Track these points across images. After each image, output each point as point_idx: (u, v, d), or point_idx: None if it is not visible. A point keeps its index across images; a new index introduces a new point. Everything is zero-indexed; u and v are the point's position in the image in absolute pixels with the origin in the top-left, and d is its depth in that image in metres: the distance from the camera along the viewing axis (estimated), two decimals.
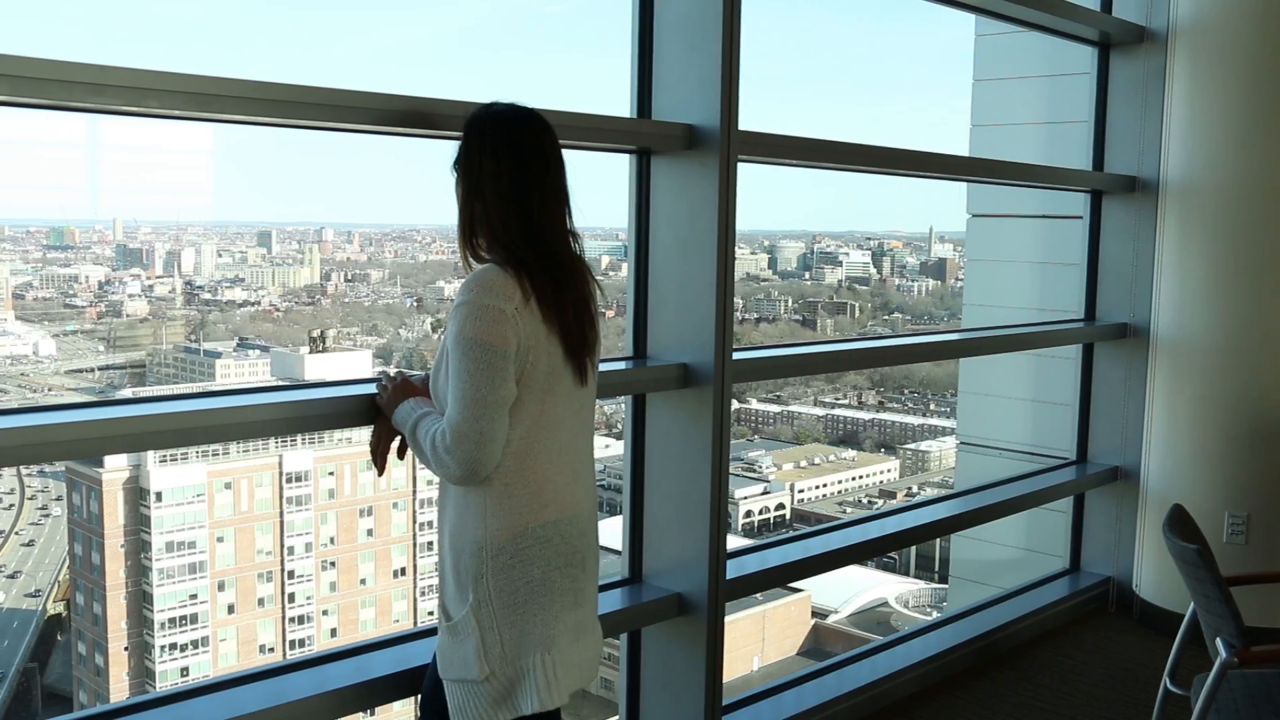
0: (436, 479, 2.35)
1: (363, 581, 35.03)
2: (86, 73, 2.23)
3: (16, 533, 35.48)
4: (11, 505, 34.54)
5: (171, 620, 32.28)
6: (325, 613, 34.42)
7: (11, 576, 34.60)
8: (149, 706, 2.68)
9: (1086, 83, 5.41)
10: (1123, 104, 5.27)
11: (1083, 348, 5.46)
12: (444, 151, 2.48)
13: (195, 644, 32.60)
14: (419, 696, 2.61)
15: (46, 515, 35.39)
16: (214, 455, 32.07)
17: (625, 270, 3.53)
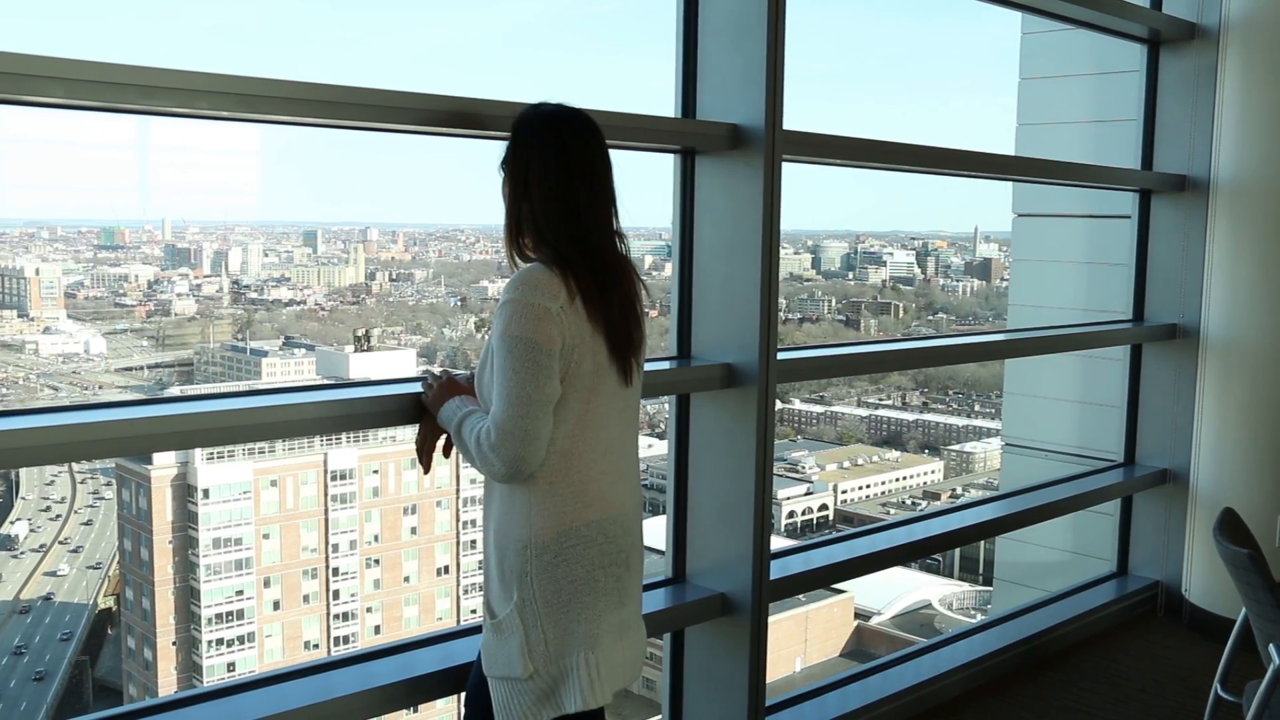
0: (481, 477, 2.36)
1: (406, 579, 35.35)
2: (138, 75, 2.25)
3: (75, 512, 36.85)
4: (59, 515, 35.51)
5: (218, 616, 32.73)
6: (369, 610, 34.76)
7: (75, 550, 36.06)
8: (197, 701, 2.71)
9: (1135, 80, 5.35)
10: (1173, 101, 5.21)
11: (1131, 349, 5.40)
12: (489, 152, 2.49)
13: (242, 639, 33.03)
14: (463, 694, 2.62)
15: (100, 499, 36.62)
16: (260, 453, 32.50)
17: (668, 270, 3.52)
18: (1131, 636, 5.05)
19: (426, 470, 2.60)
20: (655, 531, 3.53)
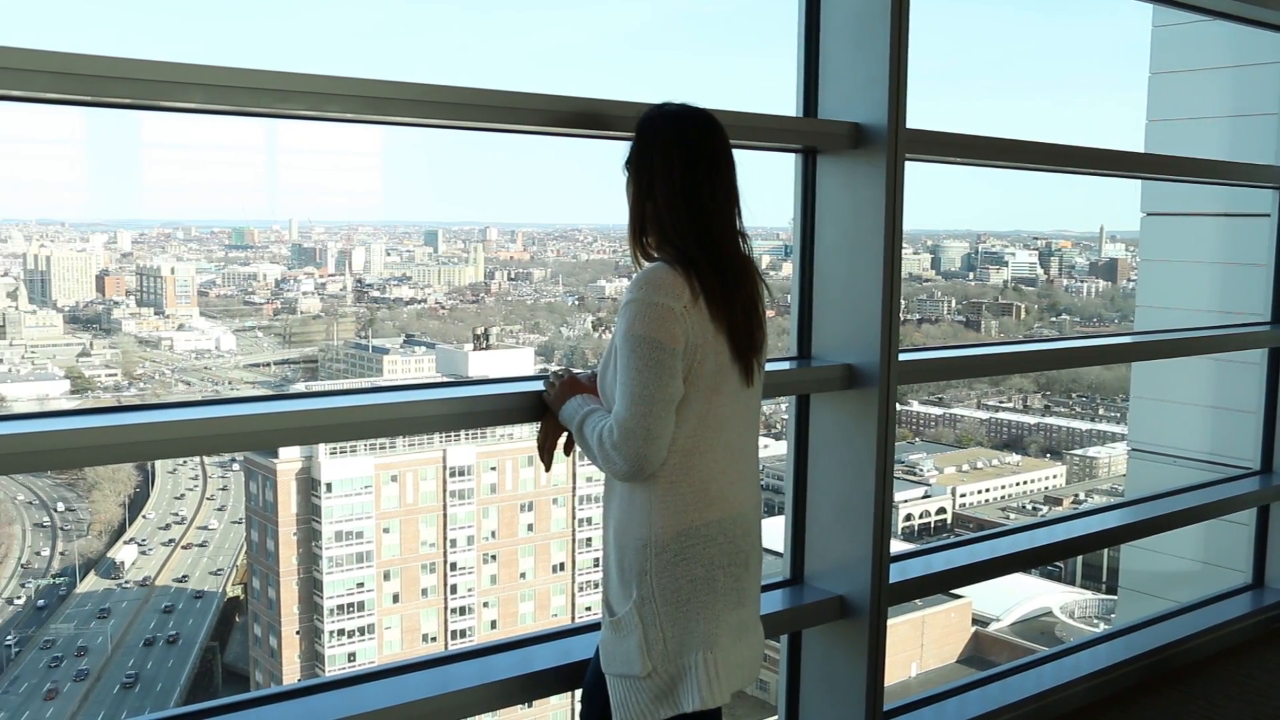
0: (599, 475, 2.38)
1: (522, 575, 35.84)
2: (272, 79, 2.31)
3: (210, 478, 38.74)
4: (171, 541, 37.42)
5: (340, 607, 33.56)
6: (486, 604, 35.33)
7: (220, 509, 38.25)
8: (322, 690, 2.75)
9: (1276, 72, 5.15)
10: None
11: (1269, 352, 5.20)
12: (608, 152, 2.51)
13: (362, 630, 33.82)
14: (580, 690, 2.64)
15: (228, 470, 38.76)
16: (381, 448, 33.26)
17: (785, 270, 3.51)
18: (1269, 652, 4.86)
19: (548, 468, 2.62)
20: (773, 532, 3.52)
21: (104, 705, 32.94)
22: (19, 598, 37.13)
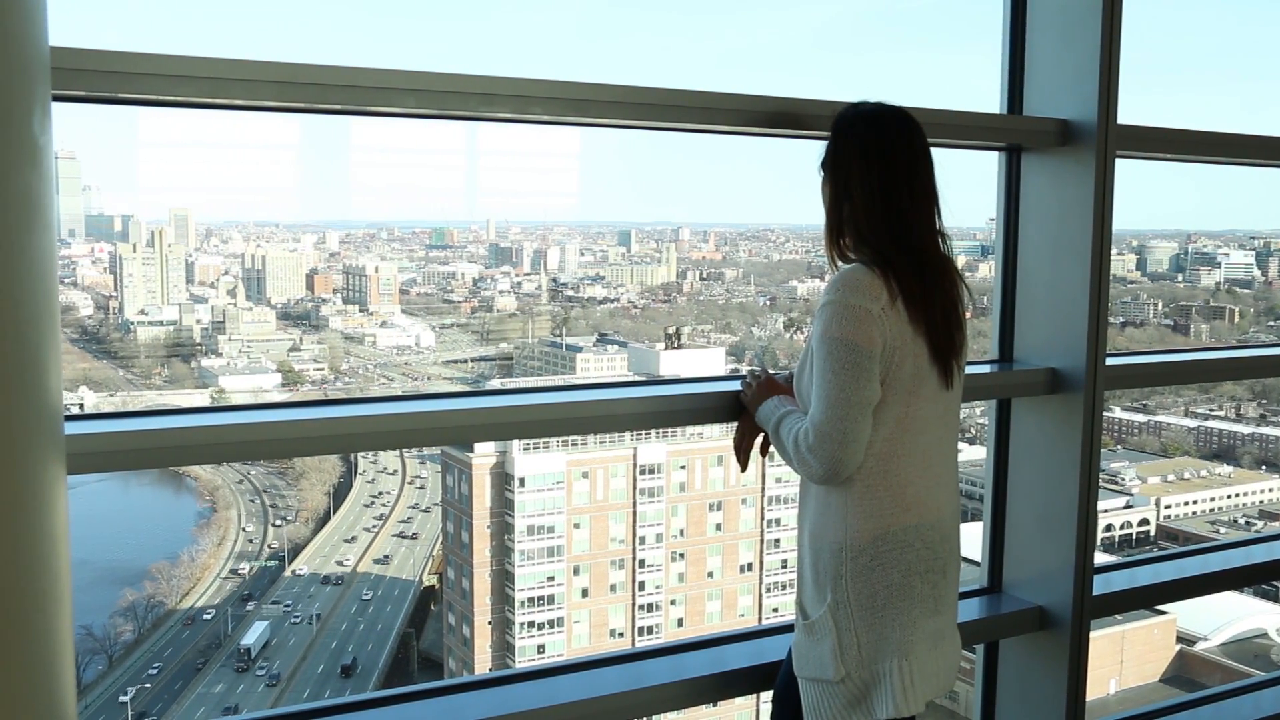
0: (788, 476, 2.37)
1: (710, 574, 35.91)
2: (480, 84, 2.38)
3: (408, 467, 39.82)
4: (318, 615, 38.70)
5: (531, 599, 34.28)
6: (673, 602, 35.53)
7: (420, 487, 40.95)
8: (515, 680, 2.81)
9: None
10: None
11: None
12: (801, 152, 2.49)
13: (551, 624, 34.46)
14: (770, 692, 2.64)
15: (425, 460, 40.68)
16: (573, 445, 33.83)
17: (982, 270, 3.43)
18: None
19: (744, 468, 2.62)
20: (971, 540, 3.44)
21: (309, 684, 34.44)
22: (235, 578, 39.13)
